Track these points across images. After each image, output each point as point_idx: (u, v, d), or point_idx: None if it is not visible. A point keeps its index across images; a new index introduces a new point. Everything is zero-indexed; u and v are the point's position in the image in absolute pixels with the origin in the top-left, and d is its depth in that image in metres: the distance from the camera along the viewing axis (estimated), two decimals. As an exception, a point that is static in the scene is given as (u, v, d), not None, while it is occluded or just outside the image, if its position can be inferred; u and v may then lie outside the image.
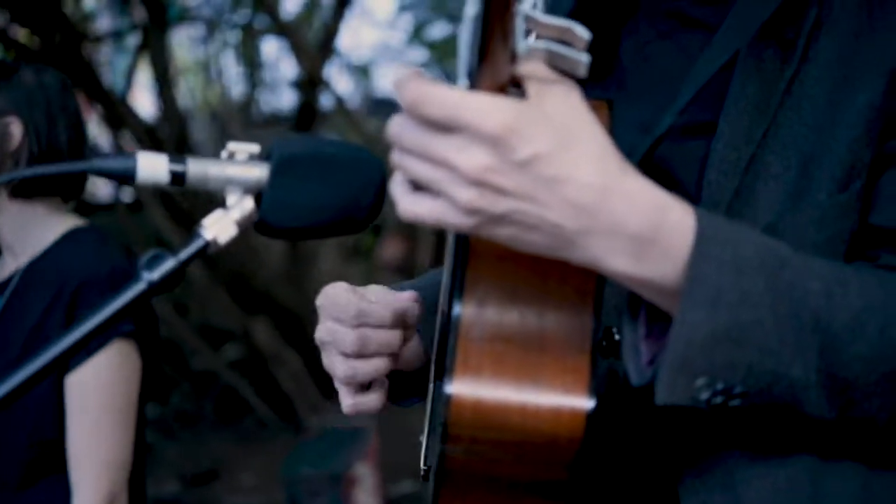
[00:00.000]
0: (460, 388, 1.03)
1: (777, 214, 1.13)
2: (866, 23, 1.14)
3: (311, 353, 5.20)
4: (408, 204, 1.00)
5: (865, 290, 1.02)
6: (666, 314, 1.03)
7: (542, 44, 0.97)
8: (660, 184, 0.99)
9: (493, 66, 0.95)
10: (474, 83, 0.95)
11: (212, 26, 6.56)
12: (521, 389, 1.02)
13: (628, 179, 0.97)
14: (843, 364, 1.00)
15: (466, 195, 0.95)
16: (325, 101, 5.74)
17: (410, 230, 5.91)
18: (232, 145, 1.08)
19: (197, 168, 1.06)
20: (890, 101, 1.11)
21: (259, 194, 1.07)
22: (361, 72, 5.67)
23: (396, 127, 0.98)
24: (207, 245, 1.05)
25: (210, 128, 5.77)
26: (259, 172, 1.07)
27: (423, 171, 0.97)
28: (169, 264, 1.04)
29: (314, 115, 5.04)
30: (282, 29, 4.85)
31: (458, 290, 1.07)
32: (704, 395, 0.98)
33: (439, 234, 5.27)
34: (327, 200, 1.09)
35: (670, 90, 1.26)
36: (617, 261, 0.97)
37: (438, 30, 6.11)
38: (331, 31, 4.95)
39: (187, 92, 6.42)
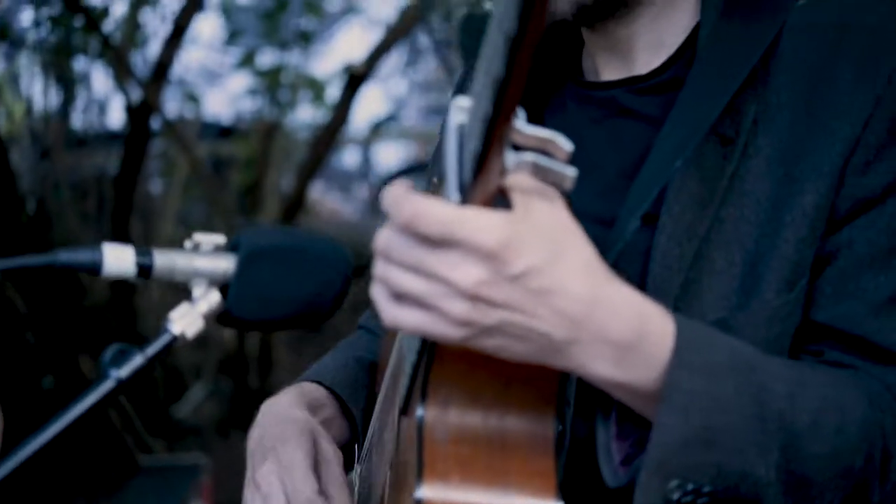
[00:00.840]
0: (430, 493, 1.03)
1: (726, 311, 1.17)
2: (804, 122, 1.19)
3: (141, 389, 5.06)
4: (394, 314, 1.00)
5: (822, 390, 1.09)
6: (635, 414, 1.07)
7: (530, 156, 1.00)
8: None
9: (486, 179, 0.96)
10: (466, 197, 0.96)
11: (21, 44, 6.33)
12: (491, 494, 1.03)
13: (613, 289, 1.01)
14: (803, 461, 1.06)
15: (459, 308, 0.96)
16: (155, 124, 5.61)
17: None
18: (197, 236, 1.07)
19: (164, 260, 1.04)
20: (831, 200, 1.17)
21: (225, 286, 1.06)
22: (190, 98, 5.56)
23: (386, 240, 0.98)
24: (175, 339, 1.04)
25: (31, 149, 5.56)
26: (226, 265, 1.06)
27: (414, 284, 0.97)
28: (137, 360, 1.02)
29: (146, 137, 4.91)
30: (110, 51, 4.71)
31: (421, 391, 1.08)
32: (675, 496, 1.03)
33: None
34: (294, 293, 1.08)
35: (603, 178, 1.30)
36: (599, 366, 1.01)
37: (268, 57, 6.06)
38: (163, 57, 4.84)
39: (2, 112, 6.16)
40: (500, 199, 1.00)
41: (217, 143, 6.15)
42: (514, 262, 0.95)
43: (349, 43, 8.06)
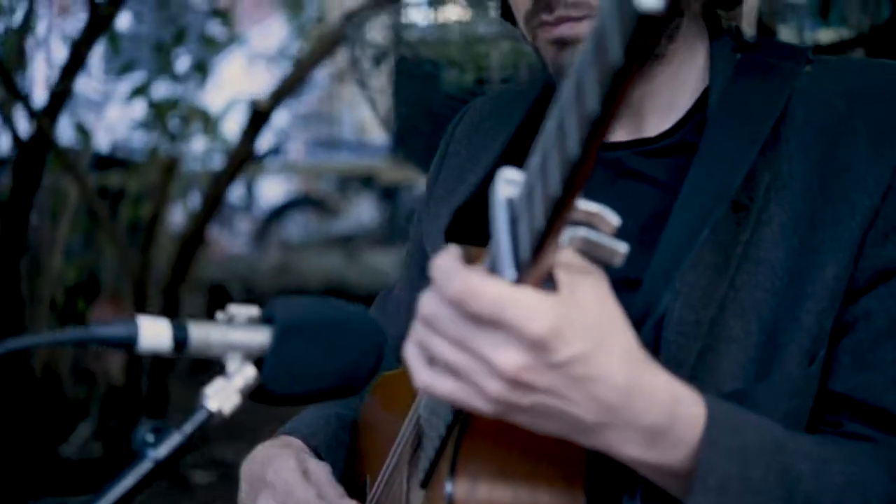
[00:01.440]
0: None
1: (744, 381, 1.18)
2: (818, 191, 1.21)
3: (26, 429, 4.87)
4: (427, 379, 1.00)
5: (845, 466, 1.11)
6: (661, 491, 1.08)
7: (583, 231, 0.99)
8: None
9: (544, 257, 0.95)
10: (522, 275, 0.95)
11: None
12: None
13: (649, 375, 1.01)
14: None
15: (496, 388, 0.96)
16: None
17: (125, 293, 5.64)
18: (232, 308, 1.03)
19: (199, 333, 1.01)
20: (850, 272, 1.19)
21: (260, 360, 1.03)
22: (80, 130, 5.40)
23: (431, 309, 0.97)
24: (212, 416, 1.00)
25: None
26: (261, 338, 1.03)
27: (455, 357, 0.97)
28: (175, 439, 0.98)
29: (39, 166, 4.75)
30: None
31: (450, 465, 1.07)
32: None
33: (166, 295, 5.09)
34: (330, 367, 1.06)
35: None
36: (630, 448, 1.02)
37: (162, 89, 5.95)
38: (61, 86, 4.70)
39: None
40: (548, 280, 1.00)
41: (104, 176, 5.99)
42: (560, 351, 0.95)
43: (234, 75, 7.97)
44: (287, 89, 4.60)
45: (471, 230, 1.42)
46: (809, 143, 1.23)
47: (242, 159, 4.78)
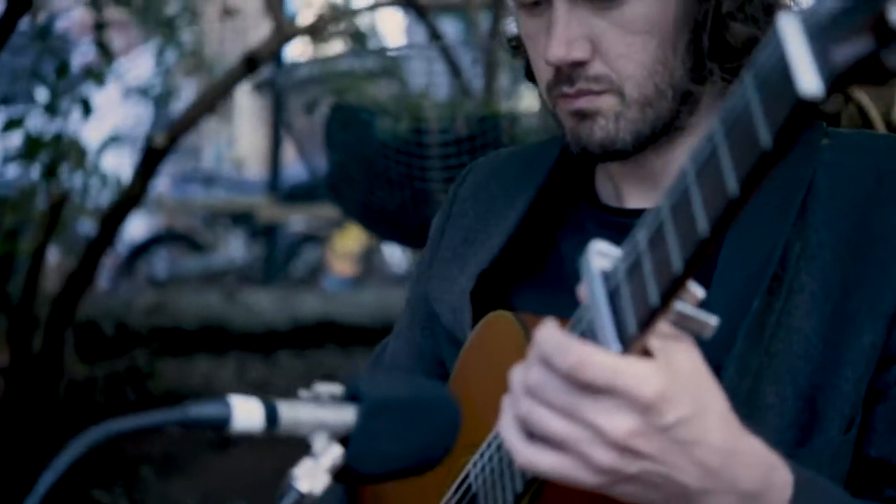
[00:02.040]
0: None
1: (785, 448, 1.20)
2: (850, 262, 1.24)
3: None
4: (529, 455, 1.00)
5: None
6: None
7: (678, 305, 0.99)
8: None
9: (651, 331, 0.96)
10: (627, 348, 0.96)
11: None
12: None
13: (746, 440, 1.04)
14: None
15: (606, 457, 0.97)
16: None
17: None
18: (318, 386, 1.00)
19: (289, 413, 0.98)
20: (884, 339, 1.23)
21: (345, 438, 0.99)
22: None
23: (537, 381, 0.98)
24: (303, 498, 0.96)
25: None
26: (348, 417, 1.00)
27: (560, 427, 0.97)
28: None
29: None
30: None
31: None
32: None
33: (48, 334, 4.89)
34: (412, 447, 1.04)
35: None
36: None
37: (38, 122, 5.77)
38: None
39: None
40: None
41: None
42: (668, 414, 0.96)
43: (107, 108, 7.76)
44: (184, 127, 4.51)
45: (493, 292, 1.41)
46: (837, 214, 1.27)
47: (136, 195, 4.65)
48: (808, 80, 0.78)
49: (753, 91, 0.84)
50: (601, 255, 1.00)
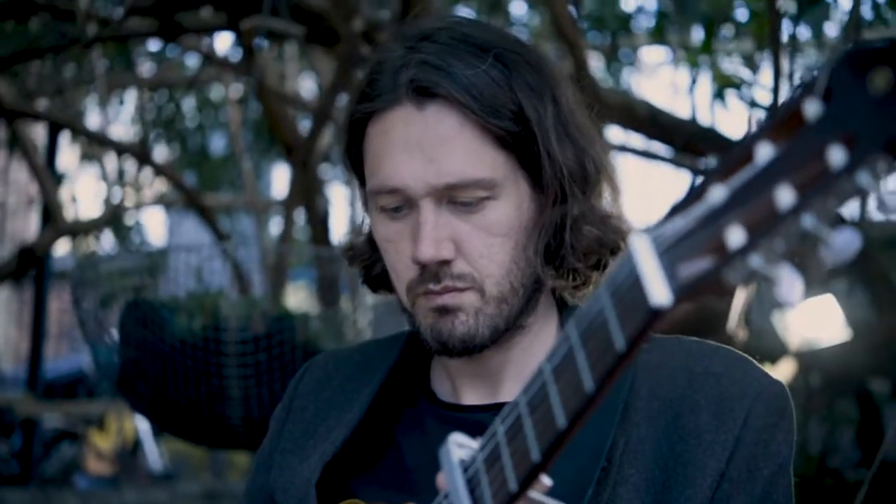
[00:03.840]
0: None
1: None
2: (669, 455, 1.37)
3: None
4: None
5: None
6: None
7: (537, 495, 1.09)
8: None
9: None
10: None
11: None
12: None
13: None
14: None
15: None
16: None
17: None
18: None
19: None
20: None
21: None
22: None
23: None
24: None
25: None
26: None
27: None
28: None
29: None
30: None
31: None
32: None
33: None
34: None
35: None
36: None
37: None
38: None
39: None
40: None
41: None
42: None
43: None
44: (51, 240, 4.38)
45: (335, 482, 1.47)
46: (656, 413, 1.42)
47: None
48: (659, 292, 0.91)
49: (608, 300, 0.96)
50: (459, 446, 1.08)
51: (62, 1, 5.36)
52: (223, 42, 15.51)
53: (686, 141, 4.88)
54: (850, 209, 0.90)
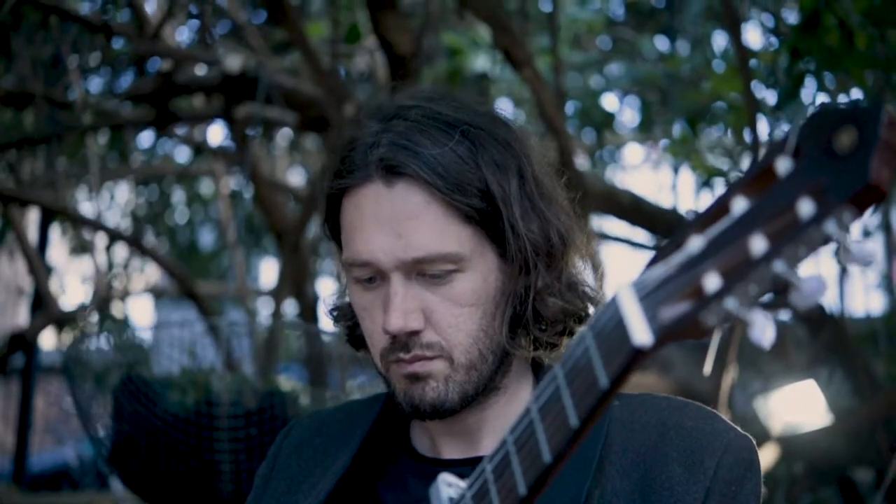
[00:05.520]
0: None
1: None
2: None
3: None
4: None
5: None
6: None
7: None
8: None
9: None
10: None
11: None
12: None
13: None
14: None
15: None
16: None
17: None
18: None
19: None
20: None
21: None
22: None
23: None
24: None
25: None
26: None
27: None
28: None
29: None
30: None
31: None
32: None
33: None
34: None
35: None
36: None
37: None
38: None
39: None
40: None
41: None
42: None
43: None
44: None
45: None
46: (629, 465, 1.48)
47: None
48: (641, 333, 0.99)
49: (592, 342, 1.03)
50: (448, 485, 1.15)
51: (58, 92, 5.48)
52: (216, 134, 15.73)
53: (668, 228, 4.99)
54: (833, 304, 0.98)
